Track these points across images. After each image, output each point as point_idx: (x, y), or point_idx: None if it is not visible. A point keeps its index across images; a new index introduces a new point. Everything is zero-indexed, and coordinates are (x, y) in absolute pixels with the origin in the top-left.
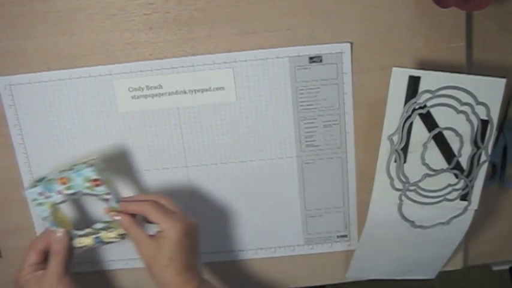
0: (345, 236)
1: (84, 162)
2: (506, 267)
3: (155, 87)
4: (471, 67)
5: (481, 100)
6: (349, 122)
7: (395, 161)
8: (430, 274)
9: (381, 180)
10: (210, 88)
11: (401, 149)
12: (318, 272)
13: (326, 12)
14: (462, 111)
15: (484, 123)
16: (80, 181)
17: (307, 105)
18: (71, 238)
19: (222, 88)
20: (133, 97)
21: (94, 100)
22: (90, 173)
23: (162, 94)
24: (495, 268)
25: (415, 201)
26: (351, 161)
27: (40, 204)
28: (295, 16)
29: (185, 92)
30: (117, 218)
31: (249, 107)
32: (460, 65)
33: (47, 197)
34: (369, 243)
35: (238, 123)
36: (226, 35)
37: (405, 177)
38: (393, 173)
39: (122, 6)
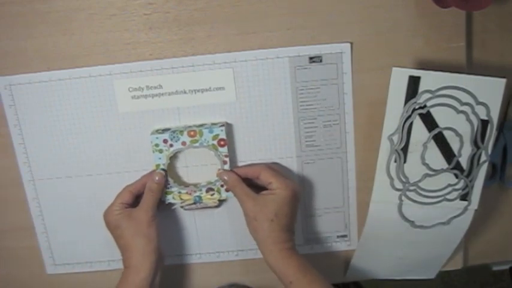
0: (345, 236)
1: (215, 124)
2: (506, 267)
3: (155, 87)
4: (471, 67)
5: (481, 100)
6: (349, 122)
7: (395, 161)
8: (430, 274)
9: (380, 180)
10: (210, 88)
11: (401, 149)
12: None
13: (326, 12)
14: (462, 111)
15: (484, 123)
16: (208, 137)
17: (307, 105)
18: (172, 192)
19: (222, 88)
20: (133, 97)
21: (94, 100)
22: (220, 132)
23: (162, 94)
24: (495, 268)
25: (415, 201)
26: (351, 161)
27: (160, 151)
28: (295, 16)
29: (185, 92)
30: (225, 177)
31: (249, 107)
32: (460, 65)
33: (170, 146)
34: (369, 243)
35: (238, 123)
36: (226, 35)
37: (405, 177)
38: (393, 173)
39: (122, 6)
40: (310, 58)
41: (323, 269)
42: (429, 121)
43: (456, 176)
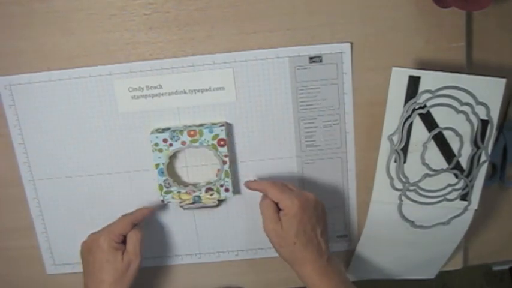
0: (345, 236)
1: (215, 123)
2: (506, 267)
3: (155, 87)
4: (471, 67)
5: (481, 100)
6: (349, 122)
7: (395, 161)
8: (430, 274)
9: (380, 180)
10: (210, 88)
11: (401, 149)
12: None
13: (326, 12)
14: (462, 111)
15: (484, 123)
16: (208, 137)
17: (307, 105)
18: (171, 192)
19: (222, 88)
20: (133, 97)
21: (94, 100)
22: (220, 132)
23: (162, 94)
24: (495, 268)
25: (415, 201)
26: (351, 161)
27: (160, 150)
28: (295, 16)
29: (185, 92)
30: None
31: (249, 107)
32: (460, 65)
33: (170, 145)
34: (369, 243)
35: (238, 123)
36: (226, 35)
37: (405, 177)
38: (393, 173)
39: (121, 6)
40: (310, 58)
41: None
42: (429, 121)
43: (456, 176)
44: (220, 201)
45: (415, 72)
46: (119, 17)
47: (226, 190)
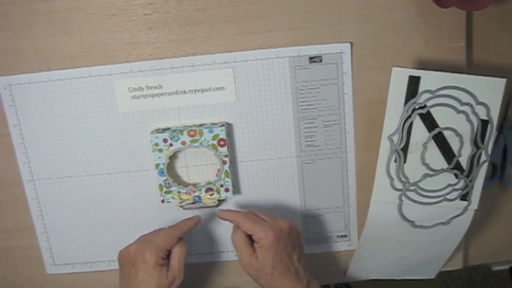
0: (345, 236)
1: (215, 124)
2: (506, 267)
3: (155, 87)
4: (471, 67)
5: (481, 100)
6: (349, 122)
7: (395, 161)
8: (430, 274)
9: (381, 180)
10: (210, 88)
11: (401, 149)
12: (318, 272)
13: (326, 12)
14: (462, 111)
15: (484, 123)
16: (208, 137)
17: (307, 105)
18: (171, 192)
19: (222, 88)
20: (133, 97)
21: (94, 100)
22: (220, 132)
23: (162, 94)
24: (495, 268)
25: (415, 201)
26: (351, 161)
27: (160, 150)
28: (295, 16)
29: (185, 92)
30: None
31: (249, 107)
32: (460, 65)
33: (170, 145)
34: (369, 243)
35: (238, 123)
36: (226, 35)
37: (405, 177)
38: (393, 173)
39: (121, 6)
40: (310, 58)
41: (323, 269)
42: (429, 121)
43: (456, 176)
44: (220, 201)
45: (415, 72)
46: (119, 17)
47: (226, 190)
